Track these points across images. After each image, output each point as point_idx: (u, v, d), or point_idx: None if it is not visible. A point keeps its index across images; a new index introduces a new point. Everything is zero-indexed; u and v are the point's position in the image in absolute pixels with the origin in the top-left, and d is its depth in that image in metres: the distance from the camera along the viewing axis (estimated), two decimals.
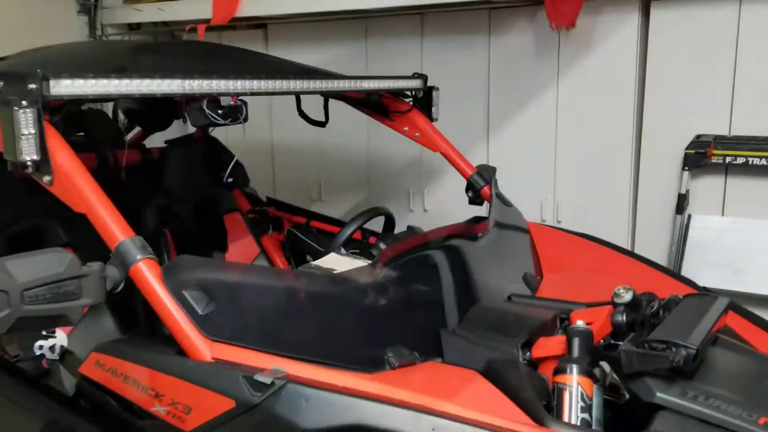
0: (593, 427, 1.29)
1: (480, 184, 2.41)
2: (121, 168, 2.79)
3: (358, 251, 2.12)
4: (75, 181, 1.41)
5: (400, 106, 2.52)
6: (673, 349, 1.32)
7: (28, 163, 1.38)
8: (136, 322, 2.06)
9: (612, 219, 3.11)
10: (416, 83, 2.48)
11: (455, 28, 3.41)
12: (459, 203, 2.66)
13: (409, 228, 2.38)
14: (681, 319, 1.47)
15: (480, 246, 1.95)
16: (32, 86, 1.39)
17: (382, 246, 2.07)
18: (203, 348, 1.25)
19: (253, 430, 1.15)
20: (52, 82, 1.41)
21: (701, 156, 2.79)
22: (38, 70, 1.39)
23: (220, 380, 1.20)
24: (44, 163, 1.40)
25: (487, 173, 2.44)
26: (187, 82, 1.66)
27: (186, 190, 2.77)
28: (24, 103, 1.36)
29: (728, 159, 2.77)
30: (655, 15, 2.94)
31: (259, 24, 4.05)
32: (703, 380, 1.34)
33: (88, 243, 2.43)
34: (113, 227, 1.36)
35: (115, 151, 2.84)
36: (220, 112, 2.05)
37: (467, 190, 2.45)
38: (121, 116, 3.09)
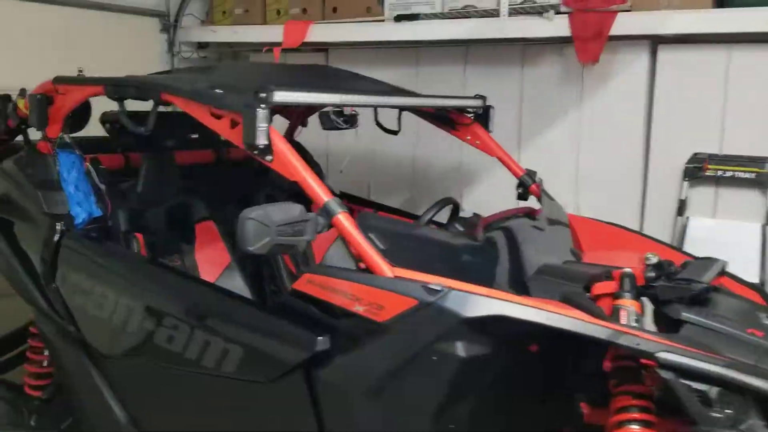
0: None
1: (529, 182, 3.07)
2: (231, 162, 3.44)
3: None
4: (290, 160, 2.05)
5: (464, 119, 3.19)
6: (692, 284, 1.98)
7: (261, 146, 2.02)
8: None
9: (623, 220, 3.76)
10: (478, 102, 3.15)
11: (494, 59, 4.10)
12: (493, 204, 3.28)
13: (475, 215, 3.03)
14: (695, 270, 2.14)
15: (539, 224, 2.62)
16: (264, 95, 2.04)
17: (473, 218, 2.74)
18: (386, 269, 1.88)
19: (430, 319, 1.78)
20: (276, 93, 2.05)
21: (698, 170, 3.50)
22: (269, 85, 2.03)
23: (404, 288, 1.82)
24: (268, 147, 2.04)
25: (532, 175, 3.11)
26: (355, 97, 2.34)
27: (284, 181, 3.39)
28: (262, 105, 2.00)
29: (719, 173, 3.46)
30: (661, 55, 3.64)
31: (321, 48, 4.71)
32: (712, 308, 2.00)
33: (221, 218, 3.07)
34: (319, 190, 2.00)
35: (228, 148, 3.49)
36: (342, 119, 2.72)
37: (518, 187, 3.11)
38: None
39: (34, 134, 3.00)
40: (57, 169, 2.62)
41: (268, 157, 2.05)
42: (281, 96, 2.08)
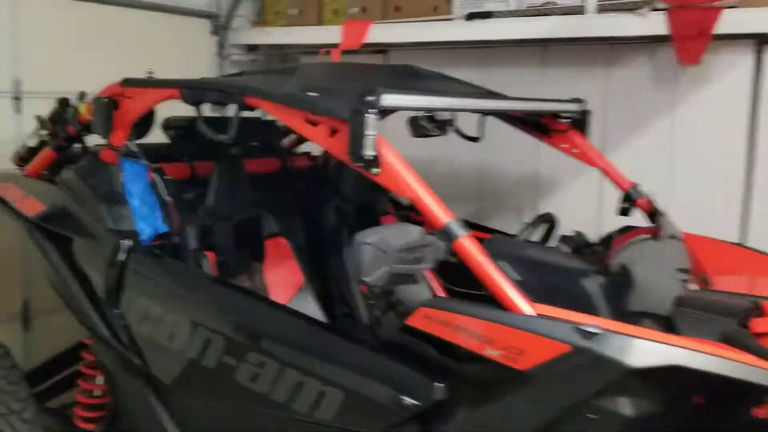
0: None
1: (636, 197, 2.75)
2: (296, 172, 3.17)
3: None
4: (401, 173, 1.76)
5: (559, 125, 2.88)
6: None
7: (368, 158, 1.73)
8: None
9: (722, 235, 3.43)
10: (575, 106, 2.84)
11: (575, 61, 3.78)
12: (574, 219, 2.98)
13: (577, 233, 2.72)
14: None
15: (667, 246, 2.30)
16: (371, 98, 1.75)
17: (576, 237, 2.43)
18: (525, 305, 1.59)
19: (586, 368, 1.48)
20: (384, 96, 1.77)
21: None
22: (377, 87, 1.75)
23: (551, 329, 1.52)
24: (375, 158, 1.75)
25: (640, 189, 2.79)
26: (467, 101, 2.05)
27: (355, 194, 3.12)
28: (371, 111, 1.71)
29: None
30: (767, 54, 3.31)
31: (380, 49, 4.44)
32: None
33: (290, 233, 2.80)
34: (437, 210, 1.71)
35: (292, 156, 3.22)
36: (434, 124, 2.42)
37: (623, 201, 2.79)
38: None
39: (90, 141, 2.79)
40: (122, 180, 2.36)
41: (375, 170, 1.77)
42: (390, 99, 1.79)
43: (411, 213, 3.47)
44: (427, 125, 2.38)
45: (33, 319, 3.83)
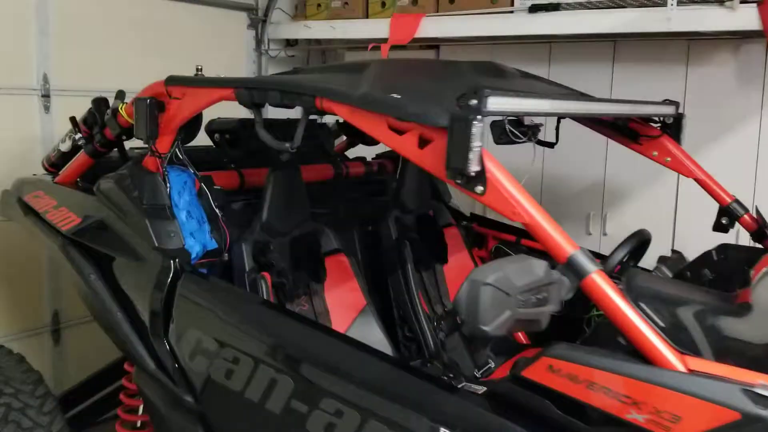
0: None
1: (739, 213, 2.43)
2: (350, 179, 2.88)
3: None
4: (512, 193, 1.46)
5: (650, 131, 2.56)
6: None
7: (471, 174, 1.45)
8: None
9: None
10: (669, 109, 2.52)
11: (650, 57, 3.46)
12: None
13: (675, 252, 2.41)
14: None
15: None
16: (475, 102, 1.46)
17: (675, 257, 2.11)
18: (675, 358, 1.29)
19: None
20: (491, 99, 1.48)
21: None
22: (482, 89, 1.46)
23: (712, 390, 1.23)
24: (479, 174, 1.46)
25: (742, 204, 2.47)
26: (575, 103, 1.74)
27: (413, 203, 2.83)
28: (476, 117, 1.42)
29: None
30: None
31: (431, 45, 4.14)
32: None
33: (350, 249, 2.52)
34: (560, 239, 1.41)
35: (346, 162, 2.93)
36: (520, 130, 2.12)
37: (721, 216, 2.47)
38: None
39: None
40: (168, 191, 2.09)
41: (479, 189, 1.48)
42: (497, 103, 1.50)
43: (473, 224, 3.20)
44: (515, 131, 2.10)
45: (63, 330, 3.60)
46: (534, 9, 3.51)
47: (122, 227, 2.10)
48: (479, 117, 1.44)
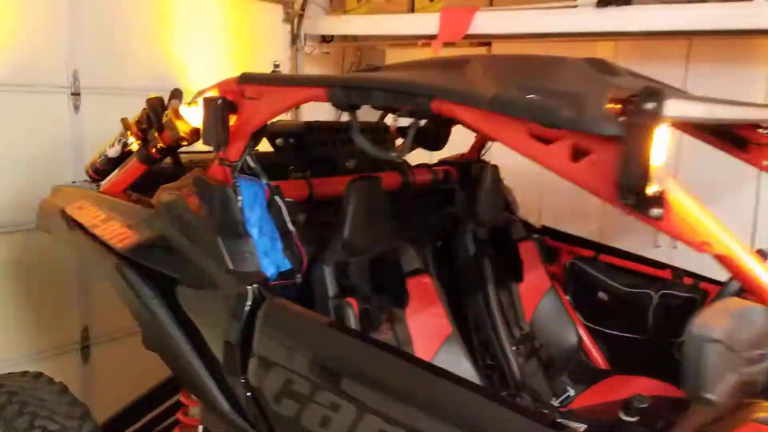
0: None
1: None
2: (418, 189, 2.63)
3: None
4: (699, 219, 1.21)
5: (761, 138, 2.32)
6: None
7: (650, 194, 1.20)
8: None
9: None
10: None
11: (729, 56, 3.21)
12: None
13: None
14: None
15: None
16: (651, 106, 1.21)
17: None
18: None
19: None
20: (668, 103, 1.23)
21: None
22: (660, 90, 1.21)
23: None
24: (657, 194, 1.21)
25: None
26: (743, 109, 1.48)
27: (488, 215, 2.58)
28: (655, 124, 1.18)
29: None
30: None
31: (483, 42, 3.89)
32: None
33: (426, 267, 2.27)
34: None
35: (413, 169, 2.68)
36: None
37: None
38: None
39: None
40: (240, 205, 1.83)
41: (656, 212, 1.22)
42: (676, 108, 1.25)
43: (546, 239, 2.95)
44: None
45: (92, 347, 3.34)
46: (602, 3, 3.26)
47: (188, 246, 1.84)
48: (656, 124, 1.20)
